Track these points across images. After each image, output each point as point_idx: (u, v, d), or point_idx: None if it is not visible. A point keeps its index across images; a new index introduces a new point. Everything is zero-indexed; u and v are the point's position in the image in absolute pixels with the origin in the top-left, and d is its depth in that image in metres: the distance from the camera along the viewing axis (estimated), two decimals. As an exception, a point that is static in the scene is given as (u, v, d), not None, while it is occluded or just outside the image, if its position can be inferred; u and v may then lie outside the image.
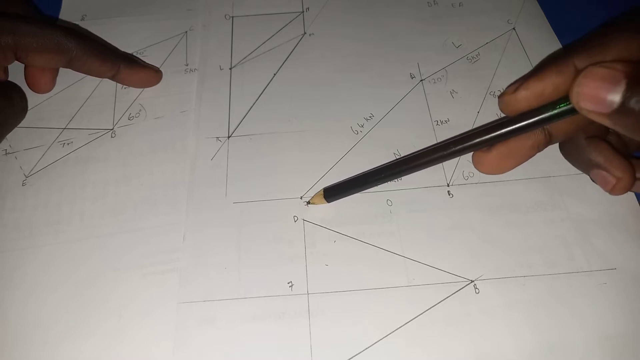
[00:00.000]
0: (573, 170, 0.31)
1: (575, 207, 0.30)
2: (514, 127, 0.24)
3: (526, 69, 0.36)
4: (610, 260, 0.28)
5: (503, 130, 0.24)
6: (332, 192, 0.30)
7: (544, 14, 0.39)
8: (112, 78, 0.35)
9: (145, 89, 0.36)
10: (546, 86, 0.23)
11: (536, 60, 0.36)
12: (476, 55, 0.37)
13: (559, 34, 0.37)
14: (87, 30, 0.38)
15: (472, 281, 0.28)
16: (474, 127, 0.33)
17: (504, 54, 0.37)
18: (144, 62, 0.37)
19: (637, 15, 0.24)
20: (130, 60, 0.36)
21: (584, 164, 0.27)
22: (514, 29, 0.38)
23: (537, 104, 0.23)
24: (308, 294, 0.28)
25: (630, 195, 0.30)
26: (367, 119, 0.34)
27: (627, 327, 0.26)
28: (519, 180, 0.31)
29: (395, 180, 0.31)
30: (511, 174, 0.30)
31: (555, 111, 0.22)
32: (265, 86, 0.36)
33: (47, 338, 0.27)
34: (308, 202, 0.30)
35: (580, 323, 0.26)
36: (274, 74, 0.37)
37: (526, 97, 0.23)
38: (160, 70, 0.37)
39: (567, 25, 0.37)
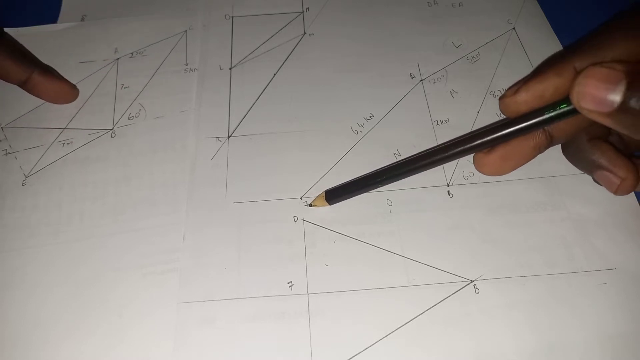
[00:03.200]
0: (573, 170, 0.31)
1: (575, 207, 0.30)
2: (514, 128, 0.24)
3: (526, 69, 0.36)
4: (610, 260, 0.28)
5: (504, 132, 0.24)
6: (334, 195, 0.30)
7: (544, 14, 0.39)
8: (24, 85, 0.34)
9: (146, 88, 0.36)
10: (546, 88, 0.23)
11: (536, 60, 0.36)
12: (476, 55, 0.37)
13: (559, 34, 0.37)
14: (8, 35, 0.36)
15: (472, 281, 0.28)
16: (474, 127, 0.33)
17: (504, 54, 0.37)
18: (61, 75, 0.35)
19: (636, 14, 0.24)
20: (46, 70, 0.34)
21: (587, 166, 0.27)
22: (514, 29, 0.38)
23: (537, 106, 0.23)
24: (308, 294, 0.28)
25: (630, 195, 0.30)
26: (367, 119, 0.34)
27: (627, 327, 0.26)
28: (519, 180, 0.31)
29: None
30: (511, 174, 0.30)
31: (556, 112, 0.22)
32: (265, 86, 0.36)
33: (47, 338, 0.27)
34: (310, 204, 0.30)
35: (580, 323, 0.26)
36: (274, 74, 0.36)
37: (526, 99, 0.23)
38: (77, 88, 0.35)
39: (567, 25, 0.37)
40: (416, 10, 0.40)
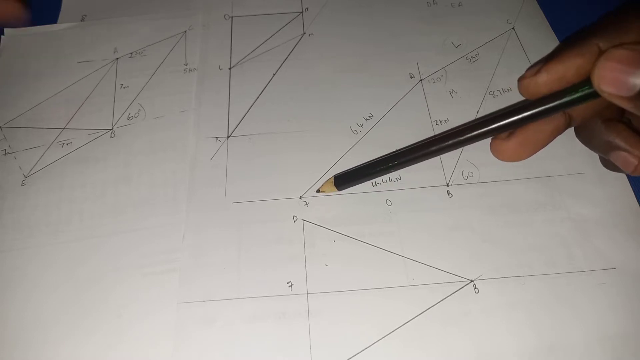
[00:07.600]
0: (573, 170, 0.31)
1: (575, 207, 0.30)
2: (535, 110, 0.22)
3: (525, 68, 0.35)
4: (610, 260, 0.28)
5: (524, 114, 0.23)
6: (343, 180, 0.29)
7: (543, 14, 0.39)
8: None
9: (145, 88, 0.36)
10: (568, 69, 0.22)
11: (536, 60, 0.36)
12: (475, 55, 0.37)
13: (559, 34, 0.37)
14: None
15: (471, 281, 0.28)
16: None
17: (504, 54, 0.37)
18: None
19: None
20: None
21: (602, 147, 0.26)
22: (513, 28, 0.38)
23: (558, 87, 0.22)
24: (307, 293, 0.28)
25: (630, 195, 0.30)
26: (366, 119, 0.34)
27: (627, 327, 0.26)
28: (519, 180, 0.31)
29: (395, 179, 0.31)
30: (511, 174, 0.30)
31: (578, 95, 0.21)
32: (264, 86, 0.36)
33: (47, 338, 0.27)
34: (318, 190, 0.30)
35: (580, 323, 0.26)
36: (274, 74, 0.36)
37: (547, 80, 0.22)
38: (26, 7, 0.34)
39: (567, 25, 0.37)
40: (416, 10, 0.40)
